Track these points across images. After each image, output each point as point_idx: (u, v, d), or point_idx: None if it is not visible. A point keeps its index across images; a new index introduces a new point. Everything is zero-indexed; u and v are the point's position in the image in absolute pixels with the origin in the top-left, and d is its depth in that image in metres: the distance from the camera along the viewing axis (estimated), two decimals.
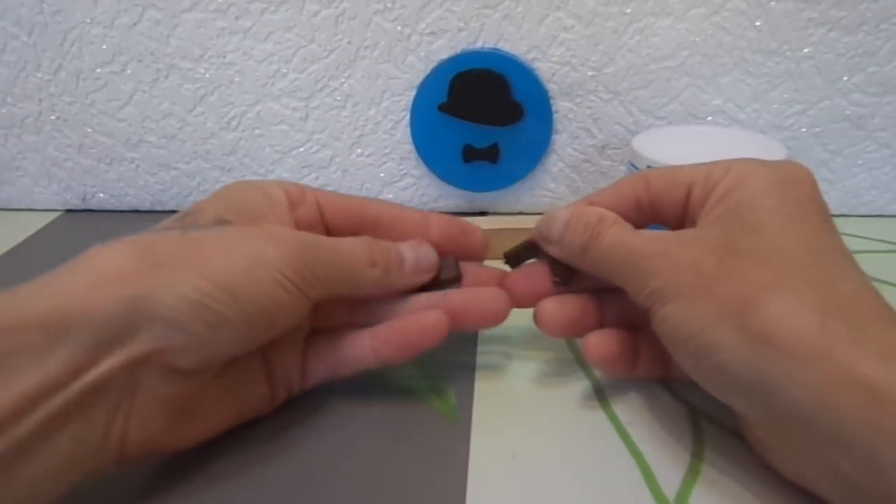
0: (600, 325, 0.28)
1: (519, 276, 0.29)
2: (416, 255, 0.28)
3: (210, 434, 0.25)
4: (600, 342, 0.27)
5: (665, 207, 0.27)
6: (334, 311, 0.28)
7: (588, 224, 0.26)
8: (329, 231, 0.29)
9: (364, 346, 0.27)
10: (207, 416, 0.25)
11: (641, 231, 0.26)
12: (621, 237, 0.25)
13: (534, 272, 0.29)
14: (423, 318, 0.27)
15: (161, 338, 0.21)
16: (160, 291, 0.21)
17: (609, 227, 0.26)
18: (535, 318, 0.28)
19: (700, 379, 0.24)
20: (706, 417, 0.28)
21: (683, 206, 0.26)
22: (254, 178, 0.46)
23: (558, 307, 0.28)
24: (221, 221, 0.24)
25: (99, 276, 0.20)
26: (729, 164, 0.25)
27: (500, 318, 0.28)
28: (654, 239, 0.25)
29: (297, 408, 0.28)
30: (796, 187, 0.24)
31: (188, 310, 0.21)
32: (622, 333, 0.28)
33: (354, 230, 0.29)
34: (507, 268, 0.30)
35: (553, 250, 0.28)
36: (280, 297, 0.23)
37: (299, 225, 0.27)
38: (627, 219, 0.26)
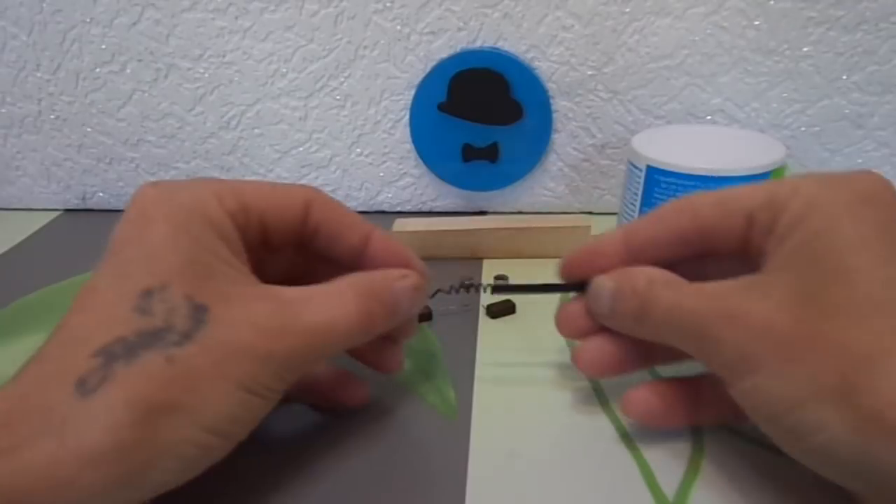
0: (649, 361, 0.27)
1: (564, 315, 0.27)
2: (412, 305, 0.25)
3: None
4: (640, 400, 0.25)
5: (719, 239, 0.23)
6: None
7: (636, 290, 0.23)
8: (267, 242, 0.25)
9: None
10: None
11: (700, 285, 0.23)
12: (677, 301, 0.22)
13: (578, 310, 0.27)
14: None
15: (157, 489, 0.20)
16: (159, 458, 0.19)
17: (661, 290, 0.23)
18: (573, 359, 0.26)
19: (800, 458, 0.21)
20: None
21: (743, 237, 0.23)
22: (254, 178, 0.46)
23: (599, 349, 0.26)
24: (197, 309, 0.21)
25: (94, 451, 0.18)
26: (794, 184, 0.21)
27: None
28: (714, 298, 0.22)
29: (295, 407, 0.28)
30: (879, 209, 0.20)
31: (186, 467, 0.20)
32: (669, 386, 0.26)
33: (292, 242, 0.26)
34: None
35: (607, 324, 0.25)
36: (267, 408, 0.22)
37: (249, 250, 0.24)
38: (674, 253, 0.24)
